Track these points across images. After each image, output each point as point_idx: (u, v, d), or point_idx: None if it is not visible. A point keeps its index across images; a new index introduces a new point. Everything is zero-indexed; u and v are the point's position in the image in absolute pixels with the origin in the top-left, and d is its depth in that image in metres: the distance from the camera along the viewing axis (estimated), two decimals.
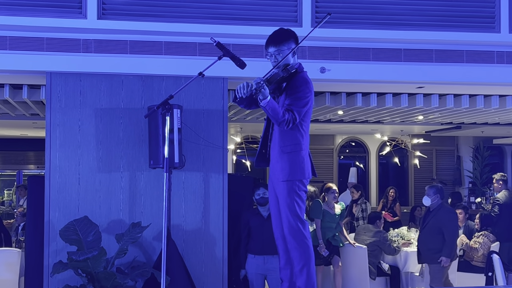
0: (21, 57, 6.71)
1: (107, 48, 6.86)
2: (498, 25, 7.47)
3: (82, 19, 6.75)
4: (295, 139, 4.42)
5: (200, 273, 6.96)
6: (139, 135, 6.91)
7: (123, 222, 6.80)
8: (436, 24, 7.38)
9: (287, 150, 4.41)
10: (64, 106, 6.84)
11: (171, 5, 6.95)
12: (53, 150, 6.79)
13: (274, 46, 4.48)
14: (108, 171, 6.86)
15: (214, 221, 7.04)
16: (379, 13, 7.29)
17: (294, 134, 4.41)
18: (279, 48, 4.46)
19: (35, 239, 6.91)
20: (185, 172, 6.94)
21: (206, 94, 7.09)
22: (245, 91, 4.12)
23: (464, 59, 7.49)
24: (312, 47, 7.21)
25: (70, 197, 6.79)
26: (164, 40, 6.97)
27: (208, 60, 4.66)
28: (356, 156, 16.56)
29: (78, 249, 6.26)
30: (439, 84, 7.91)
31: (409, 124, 12.76)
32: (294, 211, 4.39)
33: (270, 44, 4.50)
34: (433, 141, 15.96)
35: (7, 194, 16.84)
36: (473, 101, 9.00)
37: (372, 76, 7.39)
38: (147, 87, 6.98)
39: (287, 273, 4.63)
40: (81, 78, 6.88)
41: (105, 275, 6.18)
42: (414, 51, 7.41)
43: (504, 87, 8.20)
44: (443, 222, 8.26)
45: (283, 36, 4.51)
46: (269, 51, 4.50)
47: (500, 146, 16.70)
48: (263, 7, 7.09)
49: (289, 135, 4.41)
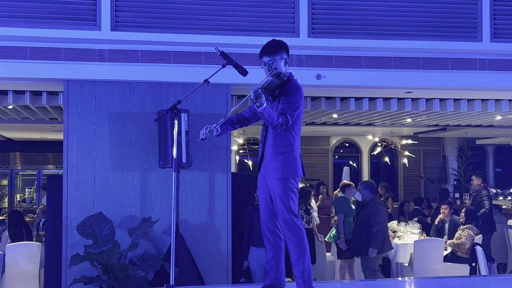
0: (40, 66, 6.71)
1: (119, 58, 6.86)
2: (480, 34, 7.47)
3: (96, 30, 6.75)
4: (288, 140, 4.44)
5: (206, 264, 6.96)
6: (149, 137, 6.91)
7: (135, 218, 6.80)
8: (423, 34, 7.38)
9: (281, 151, 4.43)
10: (80, 111, 6.84)
11: (179, 17, 6.95)
12: (70, 152, 6.79)
13: (268, 55, 4.48)
14: (121, 171, 6.86)
15: (219, 216, 7.04)
16: (370, 24, 7.29)
17: (287, 136, 4.43)
18: (272, 57, 4.46)
19: (54, 233, 6.92)
20: (192, 172, 6.94)
21: (211, 100, 7.09)
22: (204, 132, 4.37)
23: (449, 66, 7.48)
24: (308, 55, 7.21)
25: (86, 194, 6.79)
26: (173, 49, 6.97)
27: (213, 68, 4.66)
28: (350, 156, 16.55)
29: (94, 243, 6.26)
30: (426, 89, 7.91)
31: (399, 126, 12.76)
32: (288, 207, 4.40)
33: (265, 54, 4.50)
34: (420, 142, 15.95)
35: (28, 192, 16.86)
36: (457, 105, 9.01)
37: (364, 82, 7.39)
38: (157, 93, 6.98)
39: (274, 266, 4.62)
40: (96, 85, 6.88)
41: (119, 266, 6.19)
42: (403, 59, 7.41)
43: (486, 92, 8.20)
44: (371, 216, 8.25)
45: (276, 47, 4.52)
46: (263, 60, 4.50)
47: (482, 146, 16.71)
48: (263, 19, 7.09)
49: (282, 137, 4.43)
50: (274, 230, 4.57)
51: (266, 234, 4.61)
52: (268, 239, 4.60)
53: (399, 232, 9.65)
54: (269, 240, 4.60)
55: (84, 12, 6.78)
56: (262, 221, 4.62)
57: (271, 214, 4.54)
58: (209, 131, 4.34)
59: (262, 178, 4.60)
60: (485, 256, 8.47)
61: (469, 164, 16.01)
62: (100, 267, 6.26)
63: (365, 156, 16.35)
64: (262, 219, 4.62)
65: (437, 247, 8.84)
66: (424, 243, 8.95)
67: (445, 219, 9.95)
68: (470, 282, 6.23)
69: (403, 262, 9.19)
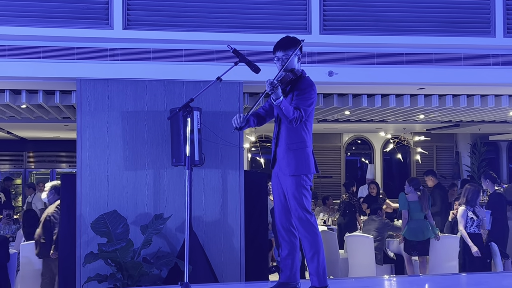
0: (53, 65, 6.74)
1: (132, 56, 6.88)
2: (493, 29, 7.41)
3: (109, 29, 6.77)
4: (301, 137, 4.43)
5: (220, 262, 6.96)
6: (162, 135, 6.92)
7: (148, 216, 6.81)
8: (436, 30, 7.33)
9: (293, 147, 4.42)
10: (93, 109, 6.86)
11: (190, 15, 6.95)
12: (83, 150, 6.82)
13: (282, 50, 4.50)
14: (134, 169, 6.88)
15: (232, 213, 7.04)
16: (382, 20, 7.26)
17: (300, 133, 4.43)
18: (286, 52, 4.48)
19: (68, 231, 6.94)
20: (204, 169, 6.95)
21: (223, 97, 7.09)
22: (239, 121, 4.29)
23: (462, 62, 7.44)
24: (320, 52, 7.19)
25: (100, 193, 6.81)
26: (185, 48, 6.98)
27: (225, 66, 4.66)
28: (362, 153, 16.52)
29: (108, 241, 6.28)
30: (439, 85, 7.88)
31: (411, 122, 12.71)
32: (302, 204, 4.39)
33: (278, 49, 4.52)
34: (433, 138, 15.88)
35: None
36: (470, 101, 8.95)
37: (377, 78, 7.36)
38: (169, 91, 6.99)
39: (288, 263, 4.61)
40: (109, 83, 6.90)
41: (133, 264, 6.20)
42: (415, 55, 7.38)
43: (499, 88, 8.15)
44: None
45: (290, 42, 4.53)
46: (277, 55, 4.52)
47: (496, 142, 16.61)
48: (275, 16, 7.09)
49: (295, 134, 4.42)
50: (289, 228, 4.56)
51: (280, 232, 4.60)
52: (283, 237, 4.59)
53: None
54: (283, 238, 4.59)
55: (97, 11, 6.80)
56: (277, 218, 4.61)
57: (286, 211, 4.53)
58: (243, 119, 4.29)
59: (275, 176, 4.59)
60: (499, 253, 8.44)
61: (482, 160, 15.92)
62: (114, 265, 6.28)
63: (378, 153, 16.31)
64: (277, 217, 4.61)
65: (452, 243, 8.80)
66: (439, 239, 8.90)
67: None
68: (485, 279, 6.19)
69: (416, 259, 9.16)
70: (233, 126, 4.33)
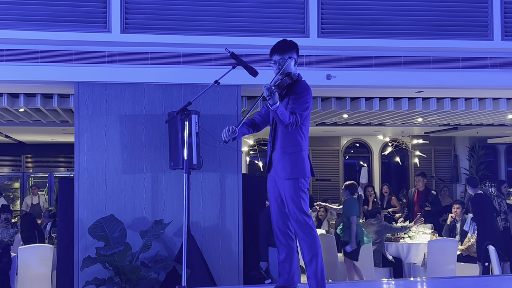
0: (51, 68, 6.74)
1: (130, 60, 6.88)
2: (491, 33, 7.42)
3: (107, 33, 6.77)
4: (296, 141, 4.42)
5: (218, 266, 6.95)
6: (160, 139, 6.92)
7: (146, 220, 6.81)
8: (434, 33, 7.34)
9: (289, 151, 4.41)
10: (91, 113, 6.86)
11: (188, 19, 6.95)
12: (81, 154, 6.81)
13: (278, 54, 4.49)
14: (132, 173, 6.87)
15: (230, 217, 7.03)
16: (380, 23, 7.27)
17: (295, 137, 4.42)
18: (283, 56, 4.47)
19: (66, 235, 6.93)
20: (203, 173, 6.94)
21: (221, 101, 7.09)
22: (227, 134, 4.21)
23: (460, 65, 7.44)
24: (318, 56, 7.19)
25: (98, 197, 6.80)
26: (182, 51, 6.98)
27: (223, 69, 4.65)
28: (360, 156, 16.51)
29: (106, 245, 6.27)
30: (437, 89, 7.88)
31: (409, 126, 12.71)
32: (300, 207, 4.38)
33: (275, 52, 4.51)
34: (431, 141, 15.87)
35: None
36: (468, 104, 8.95)
37: (375, 82, 7.36)
38: (167, 95, 6.99)
39: (286, 266, 4.60)
40: (107, 87, 6.90)
41: (131, 268, 6.19)
42: (413, 58, 7.38)
43: (497, 91, 8.15)
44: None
45: (287, 46, 4.52)
46: (274, 59, 4.51)
47: (494, 145, 16.61)
48: (273, 20, 7.09)
49: (290, 138, 4.41)
50: (286, 231, 4.55)
51: (277, 235, 4.59)
52: (280, 240, 4.58)
53: (411, 231, 9.61)
54: (281, 241, 4.58)
55: (94, 14, 6.80)
56: (274, 222, 4.60)
57: (283, 215, 4.52)
58: (232, 132, 4.21)
59: (272, 179, 4.58)
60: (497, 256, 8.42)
61: (480, 163, 15.92)
62: (112, 269, 6.27)
63: (376, 156, 16.30)
64: (274, 220, 4.60)
65: (451, 247, 8.80)
66: (438, 243, 8.91)
67: (457, 218, 9.89)
68: (484, 282, 6.19)
69: (415, 262, 9.15)
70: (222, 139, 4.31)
